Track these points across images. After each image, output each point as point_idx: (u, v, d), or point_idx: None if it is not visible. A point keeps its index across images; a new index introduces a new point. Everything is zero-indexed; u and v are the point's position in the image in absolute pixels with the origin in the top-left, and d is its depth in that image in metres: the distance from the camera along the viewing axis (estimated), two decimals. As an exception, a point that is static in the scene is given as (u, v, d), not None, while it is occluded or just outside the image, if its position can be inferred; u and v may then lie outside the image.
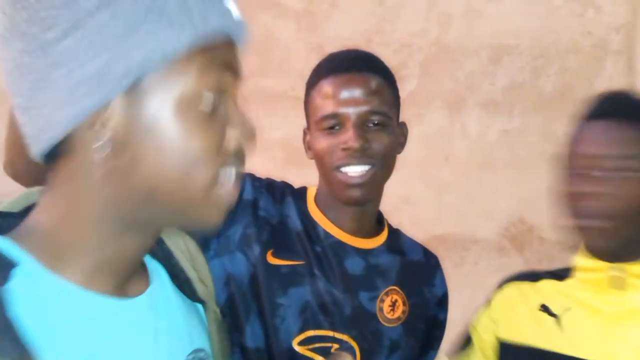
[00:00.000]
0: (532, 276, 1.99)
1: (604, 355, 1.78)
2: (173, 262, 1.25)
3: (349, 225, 1.98)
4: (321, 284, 1.92)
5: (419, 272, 2.08)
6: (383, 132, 1.88)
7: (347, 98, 1.86)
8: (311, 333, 1.90)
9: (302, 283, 1.91)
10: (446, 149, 3.41)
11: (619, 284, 1.80)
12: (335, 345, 1.92)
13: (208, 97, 1.02)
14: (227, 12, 1.06)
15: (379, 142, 1.87)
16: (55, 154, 1.03)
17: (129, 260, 1.10)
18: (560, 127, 3.37)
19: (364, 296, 1.96)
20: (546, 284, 1.95)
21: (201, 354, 1.20)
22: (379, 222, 2.08)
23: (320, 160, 1.92)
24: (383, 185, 1.97)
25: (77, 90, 0.97)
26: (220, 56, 1.04)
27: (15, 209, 1.11)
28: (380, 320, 1.97)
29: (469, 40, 3.45)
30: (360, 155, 1.84)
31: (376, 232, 2.04)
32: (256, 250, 1.90)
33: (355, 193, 1.87)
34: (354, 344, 1.93)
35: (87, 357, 1.01)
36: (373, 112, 1.87)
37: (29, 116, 1.01)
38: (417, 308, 2.03)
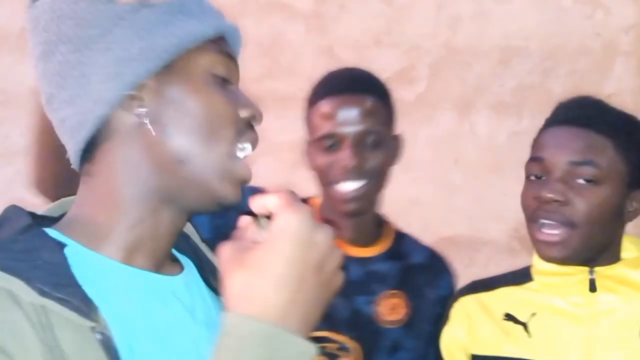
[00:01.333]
0: (486, 285, 1.97)
1: (581, 358, 1.80)
2: (200, 254, 1.33)
3: (348, 235, 2.06)
4: None
5: (421, 274, 2.14)
6: (378, 150, 1.99)
7: (343, 119, 1.97)
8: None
9: None
10: (455, 150, 3.41)
11: (586, 287, 1.81)
12: (334, 346, 2.02)
13: (220, 71, 1.20)
14: (227, 20, 1.28)
15: (374, 159, 1.98)
16: (92, 145, 1.17)
17: (164, 238, 1.20)
18: (569, 128, 3.39)
19: (360, 300, 2.05)
20: (504, 291, 1.94)
21: None
22: (380, 228, 2.15)
23: (319, 175, 2.04)
24: (378, 198, 2.08)
25: (123, 68, 1.14)
26: (226, 48, 1.23)
27: (54, 214, 1.23)
28: (379, 322, 2.05)
29: (479, 42, 3.44)
30: (356, 172, 1.95)
31: (376, 240, 2.13)
32: None
33: (351, 207, 1.99)
34: (353, 344, 2.02)
35: (133, 325, 1.10)
36: (368, 132, 1.97)
37: (75, 105, 1.16)
38: (420, 309, 2.10)
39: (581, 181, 1.76)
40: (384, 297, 2.07)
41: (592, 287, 1.81)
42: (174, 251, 1.28)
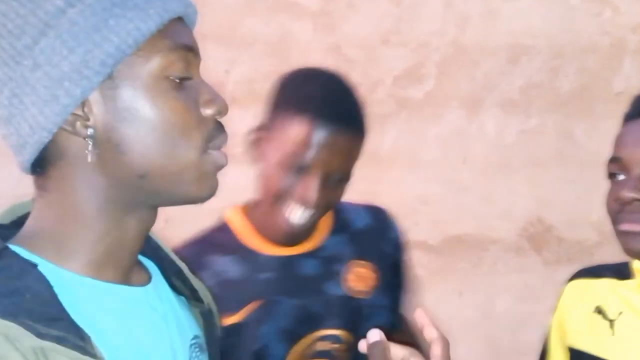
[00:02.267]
0: (595, 272, 1.88)
1: None
2: (162, 255, 1.29)
3: (292, 236, 1.95)
4: (286, 305, 1.95)
5: (370, 235, 2.09)
6: (339, 187, 1.90)
7: (318, 148, 1.83)
8: (296, 350, 1.96)
9: (267, 318, 1.93)
10: (464, 149, 3.39)
11: None
12: (322, 343, 1.98)
13: (174, 74, 1.07)
14: None
15: (332, 195, 1.89)
16: (43, 161, 1.07)
17: (131, 246, 1.14)
18: (578, 126, 3.39)
19: (329, 286, 1.99)
20: (606, 283, 1.83)
21: (199, 340, 1.25)
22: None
23: (269, 186, 1.90)
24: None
25: (56, 90, 1.02)
26: (178, 38, 1.09)
27: (5, 221, 1.16)
28: (354, 295, 2.01)
29: (487, 40, 3.44)
30: (311, 205, 1.85)
31: (317, 225, 2.02)
32: None
33: (290, 232, 1.89)
34: (337, 331, 1.98)
35: (116, 343, 1.06)
36: (337, 172, 1.86)
37: (12, 126, 1.06)
38: (386, 267, 2.08)
39: None
40: (346, 271, 2.02)
41: None
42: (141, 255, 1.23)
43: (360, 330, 1.85)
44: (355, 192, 2.05)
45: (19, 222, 1.14)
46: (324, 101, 1.91)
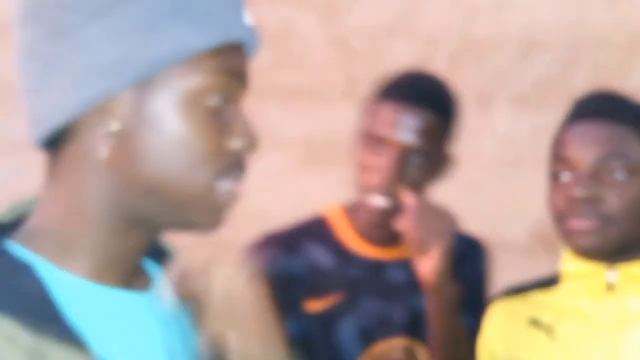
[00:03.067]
0: (519, 290, 1.95)
1: None
2: (170, 259, 1.29)
3: (384, 236, 2.07)
4: (370, 305, 2.04)
5: (465, 262, 2.17)
6: (423, 169, 2.01)
7: (400, 127, 1.96)
8: (373, 351, 2.04)
9: (352, 312, 2.04)
10: (474, 146, 3.35)
11: (612, 288, 1.78)
12: (399, 351, 2.06)
13: (213, 100, 1.05)
14: (246, 23, 1.10)
15: (417, 177, 2.00)
16: (58, 141, 1.06)
17: (133, 256, 1.12)
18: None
19: (415, 299, 2.07)
20: (535, 296, 1.91)
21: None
22: None
23: (359, 172, 2.03)
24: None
25: (91, 76, 1.00)
26: (230, 63, 1.07)
27: (6, 219, 1.14)
28: None
29: (498, 34, 3.41)
30: (389, 189, 1.96)
31: None
32: (293, 308, 2.03)
33: (376, 219, 2.00)
34: (418, 344, 2.07)
35: (113, 347, 1.05)
36: (418, 151, 1.98)
37: (36, 99, 1.05)
38: (467, 293, 2.12)
39: (612, 176, 1.73)
40: None
41: (616, 290, 1.78)
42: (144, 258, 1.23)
43: None
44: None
45: (20, 221, 1.14)
46: (410, 82, 2.08)
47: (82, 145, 1.04)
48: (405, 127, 1.97)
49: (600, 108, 1.80)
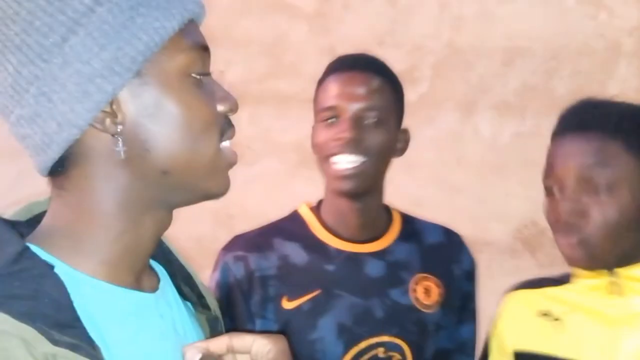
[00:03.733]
0: (535, 283, 2.01)
1: (606, 358, 1.80)
2: (172, 259, 1.32)
3: (357, 228, 2.06)
4: (347, 300, 2.00)
5: (443, 252, 2.15)
6: (378, 130, 1.96)
7: (346, 93, 1.96)
8: (354, 351, 1.99)
9: (327, 310, 1.99)
10: (458, 151, 3.39)
11: (616, 290, 1.81)
12: (381, 349, 2.01)
13: (195, 74, 1.11)
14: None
15: (373, 137, 1.95)
16: (65, 161, 1.09)
17: (145, 250, 1.16)
18: (572, 129, 3.38)
19: (395, 293, 2.04)
20: (548, 291, 1.97)
21: None
22: (387, 215, 2.15)
23: (317, 151, 2.02)
24: (377, 182, 2.04)
25: (88, 87, 1.04)
26: (195, 37, 1.13)
27: (22, 218, 1.18)
28: (420, 308, 2.05)
29: (482, 43, 3.43)
30: (353, 146, 1.92)
31: (386, 228, 2.12)
32: (270, 307, 1.98)
33: (348, 185, 1.94)
34: (398, 340, 2.02)
35: (125, 347, 1.08)
36: (370, 109, 1.96)
37: (37, 125, 1.06)
38: (451, 287, 2.12)
39: (597, 190, 1.72)
40: (415, 282, 2.06)
41: (620, 291, 1.82)
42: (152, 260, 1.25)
43: (423, 346, 2.05)
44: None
45: (35, 220, 1.17)
46: (341, 57, 2.11)
47: (91, 153, 1.08)
48: (353, 91, 1.96)
49: (583, 120, 1.81)
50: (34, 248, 1.06)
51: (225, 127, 1.16)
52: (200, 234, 3.40)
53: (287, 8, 3.42)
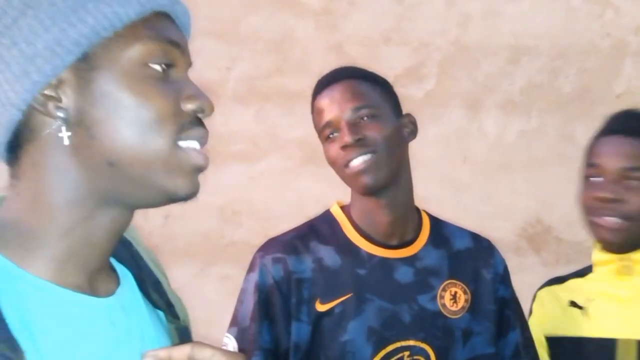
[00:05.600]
0: (560, 279, 2.29)
1: (625, 332, 2.09)
2: (141, 264, 1.24)
3: (386, 227, 2.06)
4: (376, 305, 2.01)
5: (471, 258, 2.13)
6: (375, 122, 1.99)
7: (333, 105, 2.00)
8: (382, 353, 2.00)
9: (358, 313, 2.00)
10: (464, 149, 3.41)
11: (627, 271, 2.12)
12: (407, 353, 2.02)
13: (154, 66, 1.06)
14: None
15: (373, 131, 1.97)
16: (16, 146, 1.06)
17: (98, 249, 1.10)
18: (578, 127, 3.39)
19: (423, 299, 2.04)
20: (572, 283, 2.25)
21: None
22: (416, 217, 2.14)
23: (334, 166, 2.04)
24: (397, 173, 2.03)
25: (29, 66, 1.01)
26: (162, 31, 1.08)
27: None
28: (446, 314, 2.05)
29: (488, 41, 3.44)
30: (358, 146, 1.95)
31: (417, 232, 2.11)
32: (305, 309, 2.01)
33: (365, 179, 1.96)
34: (424, 345, 2.02)
35: (63, 355, 1.01)
36: (358, 108, 1.98)
37: None
38: (480, 292, 2.11)
39: (633, 182, 2.05)
40: (443, 288, 2.07)
41: (630, 271, 2.12)
42: (112, 260, 1.18)
43: (449, 351, 2.06)
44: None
45: None
46: (318, 81, 2.10)
47: (38, 139, 1.04)
48: (338, 101, 2.01)
49: (627, 126, 2.13)
50: None
51: (187, 126, 1.08)
52: (207, 230, 3.39)
53: (294, 5, 3.42)
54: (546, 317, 2.25)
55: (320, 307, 2.02)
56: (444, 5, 3.44)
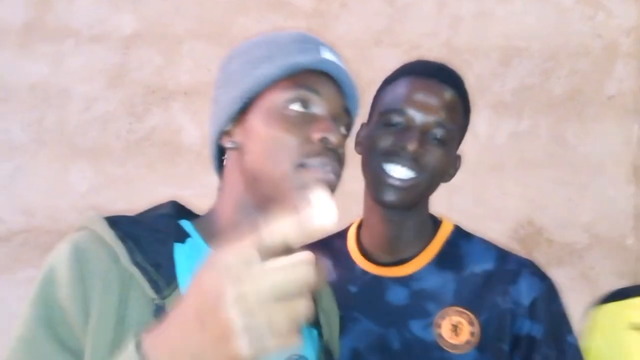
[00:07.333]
0: (619, 295, 1.94)
1: None
2: None
3: (384, 242, 1.88)
4: (364, 325, 1.83)
5: (487, 284, 1.81)
6: (441, 149, 1.80)
7: (419, 101, 1.79)
8: None
9: (345, 332, 1.82)
10: (456, 150, 3.38)
11: None
12: None
13: (292, 108, 1.39)
14: (314, 54, 1.44)
15: (434, 156, 1.78)
16: (221, 160, 1.52)
17: None
18: (569, 129, 3.39)
19: (415, 325, 1.79)
20: (633, 302, 1.89)
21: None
22: (427, 238, 1.92)
23: (369, 152, 1.84)
24: (421, 201, 1.87)
25: (220, 111, 1.47)
26: (303, 82, 1.41)
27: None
28: (444, 347, 1.76)
29: (479, 42, 3.45)
30: (413, 160, 1.76)
31: (420, 248, 1.89)
32: None
33: (392, 196, 1.77)
34: None
35: None
36: (439, 125, 1.79)
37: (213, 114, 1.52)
38: (494, 326, 1.76)
39: None
40: (442, 315, 1.78)
41: None
42: None
43: None
44: (345, 194, 2.02)
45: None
46: (419, 61, 1.95)
47: (228, 158, 1.48)
48: (427, 101, 1.79)
49: None
50: (187, 225, 1.46)
51: (315, 153, 1.37)
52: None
53: (285, 6, 3.42)
54: (606, 341, 1.89)
55: None
56: (435, 7, 3.44)
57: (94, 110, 3.35)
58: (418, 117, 1.78)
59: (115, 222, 1.32)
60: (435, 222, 1.97)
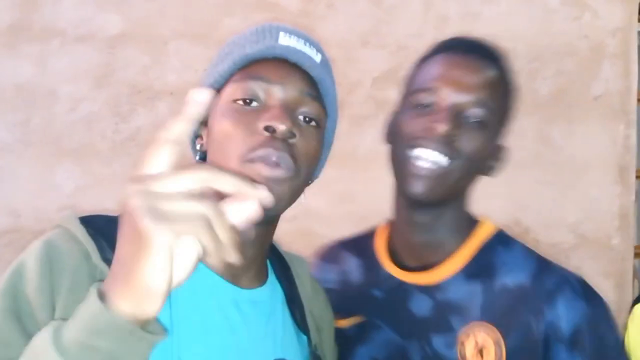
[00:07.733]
0: None
1: None
2: (292, 287, 1.54)
3: (413, 247, 1.69)
4: (385, 335, 1.66)
5: (521, 300, 1.57)
6: (478, 132, 1.58)
7: (454, 78, 1.58)
8: None
9: (367, 339, 1.68)
10: (442, 151, 3.38)
11: None
12: None
13: (237, 99, 1.36)
14: (269, 41, 1.39)
15: (470, 140, 1.57)
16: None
17: (245, 251, 1.42)
18: (555, 129, 3.40)
19: (438, 341, 1.60)
20: None
21: None
22: (459, 235, 1.71)
23: (395, 139, 1.65)
24: (456, 195, 1.67)
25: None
26: (252, 72, 1.37)
27: None
28: None
29: (466, 43, 3.42)
30: (443, 142, 1.54)
31: (450, 255, 1.68)
32: None
33: (419, 187, 1.55)
34: None
35: (186, 315, 1.32)
36: (475, 104, 1.57)
37: None
38: (524, 351, 1.54)
39: None
40: (466, 332, 1.58)
41: None
42: (273, 275, 1.51)
43: None
44: (332, 193, 2.02)
45: None
46: (456, 38, 1.73)
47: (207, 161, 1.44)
48: (459, 77, 1.59)
49: None
50: None
51: (260, 145, 1.31)
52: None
53: (271, 7, 3.42)
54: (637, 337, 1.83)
55: (339, 323, 1.72)
56: (422, 8, 3.44)
57: (79, 111, 3.34)
58: (452, 96, 1.57)
59: (89, 221, 1.31)
60: (473, 223, 1.75)
